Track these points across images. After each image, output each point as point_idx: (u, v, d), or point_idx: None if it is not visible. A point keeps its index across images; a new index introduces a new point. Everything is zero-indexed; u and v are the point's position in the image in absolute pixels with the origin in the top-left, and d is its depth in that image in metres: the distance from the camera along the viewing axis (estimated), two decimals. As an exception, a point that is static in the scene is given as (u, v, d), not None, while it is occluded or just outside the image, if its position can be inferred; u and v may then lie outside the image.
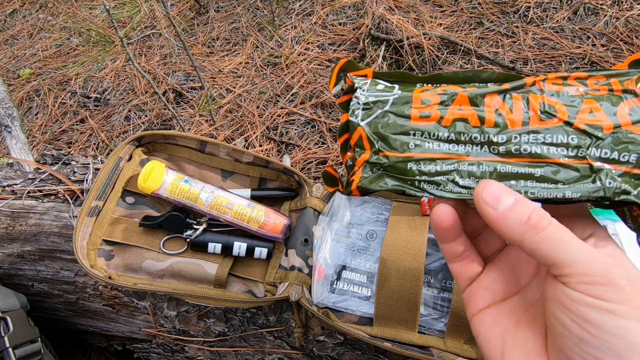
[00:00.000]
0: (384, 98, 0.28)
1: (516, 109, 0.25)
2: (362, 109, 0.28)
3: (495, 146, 0.25)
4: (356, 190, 0.28)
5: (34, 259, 0.66)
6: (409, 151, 0.26)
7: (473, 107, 0.26)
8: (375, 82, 0.29)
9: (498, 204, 0.23)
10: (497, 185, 0.24)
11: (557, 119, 0.25)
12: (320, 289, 0.55)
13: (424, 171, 0.26)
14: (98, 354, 0.86)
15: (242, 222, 0.58)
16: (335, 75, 0.31)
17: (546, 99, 0.25)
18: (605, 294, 0.20)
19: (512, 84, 0.26)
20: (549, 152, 0.24)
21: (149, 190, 0.58)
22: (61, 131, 1.45)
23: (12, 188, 0.71)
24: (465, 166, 0.26)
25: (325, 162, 1.16)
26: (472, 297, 0.28)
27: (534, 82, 0.26)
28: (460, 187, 0.26)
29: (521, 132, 0.25)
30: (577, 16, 1.37)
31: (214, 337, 0.61)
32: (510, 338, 0.25)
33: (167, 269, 0.57)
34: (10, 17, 2.03)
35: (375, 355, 0.56)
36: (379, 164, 0.27)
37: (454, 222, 0.26)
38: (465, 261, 0.28)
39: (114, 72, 1.56)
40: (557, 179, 0.24)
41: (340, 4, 1.57)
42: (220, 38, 1.60)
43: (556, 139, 0.24)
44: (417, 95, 0.27)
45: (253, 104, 1.33)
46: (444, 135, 0.26)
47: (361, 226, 0.59)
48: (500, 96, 0.26)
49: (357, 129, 0.28)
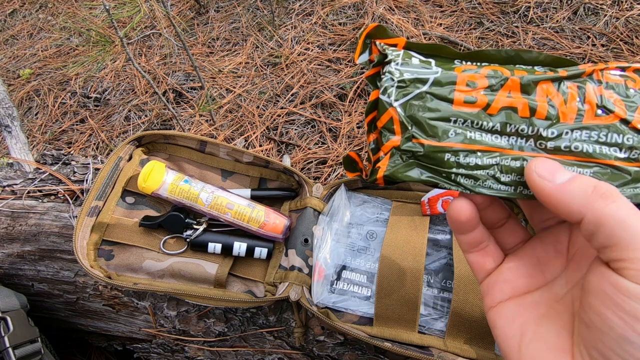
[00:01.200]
0: (423, 76, 0.24)
1: (571, 101, 0.23)
2: (396, 87, 0.24)
3: (543, 141, 0.23)
4: (382, 179, 0.25)
5: (34, 259, 0.66)
6: (448, 140, 0.23)
7: (524, 94, 0.23)
8: (408, 55, 0.25)
9: (555, 176, 0.21)
10: (552, 161, 0.22)
11: (614, 115, 0.22)
12: (320, 289, 0.55)
13: (463, 163, 0.23)
14: (98, 354, 0.86)
15: (242, 222, 0.58)
16: (362, 42, 0.27)
17: (604, 92, 0.23)
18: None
19: (570, 72, 0.23)
20: (600, 152, 0.22)
21: (149, 190, 0.58)
22: (61, 131, 1.45)
23: (12, 188, 0.71)
24: (508, 160, 0.23)
25: (325, 162, 1.16)
26: (490, 289, 0.26)
27: (592, 71, 0.23)
28: (501, 184, 0.23)
29: (574, 127, 0.22)
30: (577, 16, 1.37)
31: (214, 337, 0.61)
32: (529, 332, 0.24)
33: (167, 269, 0.57)
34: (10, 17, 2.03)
35: (375, 355, 0.56)
36: (411, 151, 0.24)
37: (471, 217, 0.25)
38: (482, 252, 0.27)
39: (114, 72, 1.56)
40: (608, 181, 0.22)
41: (340, 4, 1.57)
42: (220, 38, 1.60)
43: (611, 137, 0.22)
44: (461, 75, 0.24)
45: (253, 104, 1.33)
46: (489, 125, 0.23)
47: (361, 226, 0.58)
48: (555, 84, 0.23)
49: (388, 110, 0.24)
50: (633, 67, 0.23)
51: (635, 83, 0.23)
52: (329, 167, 1.14)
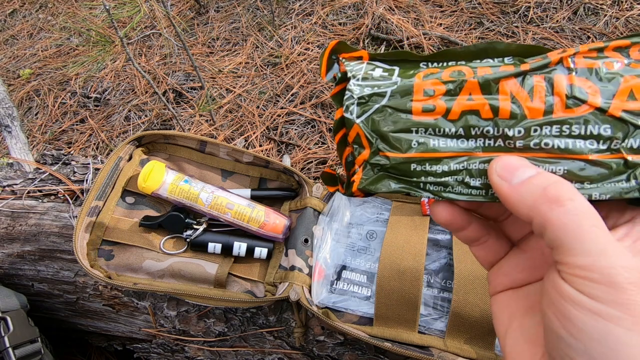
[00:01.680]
0: (381, 90, 0.24)
1: (537, 95, 0.21)
2: (357, 104, 0.24)
3: (511, 140, 0.22)
4: (357, 192, 0.25)
5: (34, 259, 0.66)
6: (412, 150, 0.23)
7: (485, 95, 0.22)
8: (372, 66, 0.25)
9: (512, 176, 0.20)
10: (516, 158, 0.21)
11: (587, 105, 0.20)
12: (320, 289, 0.55)
13: (430, 172, 0.23)
14: (98, 354, 0.86)
15: (242, 222, 0.58)
16: (327, 60, 0.27)
17: (575, 80, 0.21)
18: (600, 294, 0.18)
19: (533, 64, 0.22)
20: (575, 147, 0.21)
21: (149, 190, 0.58)
22: (61, 131, 1.45)
23: (12, 188, 0.71)
24: (476, 164, 0.23)
25: (325, 162, 1.16)
26: (492, 279, 0.27)
27: (560, 59, 0.21)
28: (471, 188, 0.23)
29: (542, 122, 0.21)
30: (577, 16, 1.37)
31: (214, 337, 0.61)
32: (516, 321, 0.24)
33: (167, 269, 0.57)
34: (10, 17, 2.03)
35: (375, 355, 0.56)
36: (379, 164, 0.24)
37: (450, 218, 0.25)
38: (482, 246, 0.26)
39: (114, 72, 1.56)
40: (584, 177, 0.21)
41: (340, 4, 1.57)
42: (220, 38, 1.60)
43: (585, 129, 0.20)
44: (419, 84, 0.23)
45: (253, 104, 1.33)
46: (451, 131, 0.23)
47: (361, 226, 0.58)
48: (518, 79, 0.22)
49: (354, 126, 0.24)
50: (613, 44, 0.21)
51: (613, 64, 0.21)
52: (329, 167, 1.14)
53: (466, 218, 0.25)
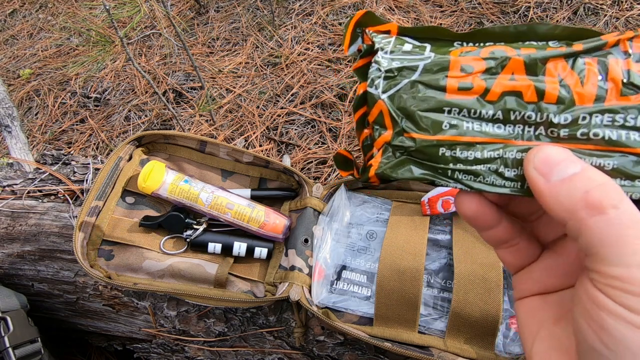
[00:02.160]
0: (412, 63, 0.22)
1: (589, 80, 0.19)
2: (383, 78, 0.22)
3: (555, 128, 0.20)
4: (375, 177, 0.23)
5: (34, 259, 0.66)
6: (442, 133, 0.21)
7: (530, 76, 0.20)
8: (401, 41, 0.23)
9: (552, 172, 0.18)
10: (558, 150, 0.19)
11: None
12: (320, 289, 0.55)
13: (460, 158, 0.21)
14: (98, 354, 0.86)
15: (242, 222, 0.58)
16: (351, 32, 0.24)
17: (632, 65, 0.19)
18: (636, 306, 0.17)
19: (586, 44, 0.20)
20: (628, 139, 0.19)
21: (149, 190, 0.58)
22: (61, 131, 1.45)
23: (12, 188, 0.71)
24: (513, 153, 0.20)
25: (325, 162, 1.16)
26: (518, 284, 0.25)
27: (617, 41, 0.19)
28: (505, 179, 0.21)
29: (593, 110, 0.19)
30: (577, 16, 1.37)
31: (214, 337, 0.61)
32: (546, 329, 0.22)
33: (167, 269, 0.57)
34: (10, 17, 2.03)
35: (375, 355, 0.56)
36: (403, 147, 0.22)
37: (478, 212, 0.22)
38: (511, 250, 0.24)
39: (114, 72, 1.56)
40: (634, 174, 0.19)
41: (340, 4, 1.57)
42: (220, 38, 1.60)
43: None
44: (455, 59, 0.21)
45: (253, 104, 1.33)
46: (489, 114, 0.21)
47: (361, 226, 0.58)
48: (568, 61, 0.20)
49: (377, 102, 0.22)
50: None
51: None
52: (329, 167, 1.14)
53: (496, 214, 0.23)
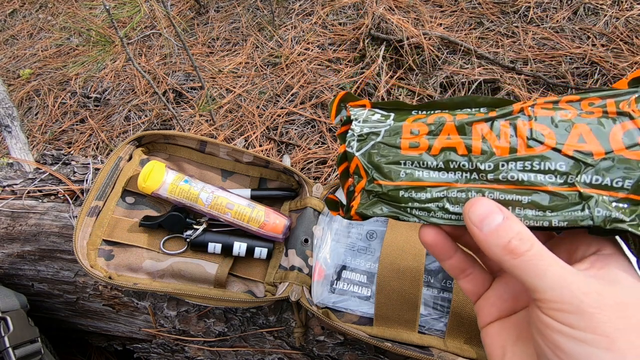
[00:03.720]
0: (377, 129, 0.29)
1: (503, 137, 0.25)
2: (357, 140, 0.29)
3: (483, 174, 0.25)
4: (356, 215, 0.29)
5: (34, 259, 0.66)
6: (400, 179, 0.28)
7: (461, 135, 0.26)
8: (372, 112, 0.31)
9: (483, 224, 0.23)
10: (486, 203, 0.24)
11: (544, 145, 0.24)
12: (320, 289, 0.55)
13: (415, 198, 0.27)
14: (98, 354, 0.86)
15: (242, 222, 0.58)
16: (336, 107, 0.32)
17: (534, 125, 0.25)
18: (574, 322, 0.20)
19: (499, 111, 0.26)
20: (536, 180, 0.24)
21: (149, 190, 0.58)
22: (61, 131, 1.45)
23: (12, 188, 0.71)
24: (454, 193, 0.26)
25: (325, 162, 1.16)
26: (480, 311, 0.29)
27: (521, 108, 0.26)
28: (450, 214, 0.26)
29: (508, 159, 0.25)
30: (577, 16, 1.37)
31: (214, 337, 0.61)
32: (509, 352, 0.26)
33: (167, 269, 0.57)
34: (10, 17, 2.03)
35: (375, 355, 0.56)
36: (374, 191, 0.28)
37: (436, 241, 0.27)
38: (469, 278, 0.29)
39: (114, 72, 1.56)
40: (545, 206, 0.24)
41: (340, 4, 1.57)
42: (220, 38, 1.60)
43: (544, 166, 0.24)
44: (407, 125, 0.28)
45: (253, 104, 1.33)
46: (433, 164, 0.27)
47: (361, 226, 0.59)
48: (487, 124, 0.26)
49: (354, 158, 0.29)
50: (565, 98, 0.26)
51: (567, 114, 0.25)
52: (329, 167, 1.14)
53: (451, 245, 0.28)
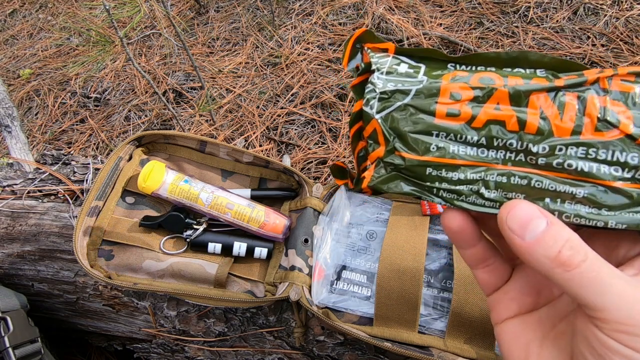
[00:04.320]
0: (405, 87, 0.23)
1: (567, 114, 0.21)
2: (378, 99, 0.23)
3: (533, 157, 0.21)
4: (367, 188, 0.25)
5: (34, 259, 0.66)
6: (430, 154, 0.23)
7: (513, 106, 0.21)
8: (397, 61, 0.24)
9: (525, 232, 0.20)
10: (526, 207, 0.20)
11: (618, 130, 0.20)
12: (320, 289, 0.55)
13: (445, 178, 0.23)
14: (98, 354, 0.86)
15: (242, 222, 0.58)
16: (350, 48, 0.26)
17: (609, 102, 0.20)
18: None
19: (567, 80, 0.21)
20: (599, 171, 0.20)
21: (149, 190, 0.58)
22: (61, 131, 1.45)
23: (12, 188, 0.71)
24: (494, 176, 0.22)
25: (325, 162, 1.16)
26: (496, 305, 0.26)
27: (597, 78, 0.21)
28: (485, 199, 0.22)
29: (569, 142, 0.20)
30: (577, 16, 1.37)
31: (214, 337, 0.61)
32: (534, 354, 0.23)
33: (167, 269, 0.57)
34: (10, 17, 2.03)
35: (375, 355, 0.56)
36: (393, 164, 0.24)
37: (462, 227, 0.24)
38: (488, 268, 0.26)
39: (114, 72, 1.56)
40: (603, 203, 0.20)
41: (340, 4, 1.57)
42: (220, 38, 1.60)
43: (611, 155, 0.20)
44: (445, 86, 0.23)
45: (253, 104, 1.33)
46: (473, 139, 0.22)
47: (361, 226, 0.58)
48: (550, 94, 0.21)
49: (372, 121, 0.24)
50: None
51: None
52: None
53: (477, 233, 0.24)
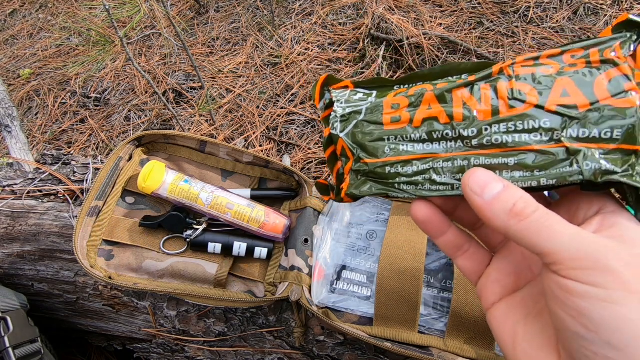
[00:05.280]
0: (358, 108, 0.29)
1: (484, 100, 0.25)
2: (340, 121, 0.29)
3: (467, 140, 0.25)
4: (346, 197, 0.29)
5: (34, 259, 0.66)
6: (385, 156, 0.27)
7: (441, 104, 0.26)
8: (354, 92, 0.30)
9: (484, 192, 0.22)
10: (484, 172, 0.23)
11: (527, 104, 0.23)
12: (320, 289, 0.55)
13: (402, 173, 0.27)
14: (98, 354, 0.86)
15: (242, 222, 0.58)
16: (319, 92, 0.32)
17: (515, 84, 0.24)
18: (598, 280, 0.19)
19: (478, 75, 0.26)
20: (521, 140, 0.23)
21: (149, 190, 0.58)
22: (61, 131, 1.45)
23: (12, 188, 0.71)
24: (440, 163, 0.26)
25: (325, 162, 1.16)
26: (482, 291, 0.27)
27: (500, 69, 0.25)
28: (438, 184, 0.26)
29: (491, 122, 0.24)
30: (577, 16, 1.37)
31: (214, 337, 0.61)
32: (520, 332, 0.24)
33: (167, 269, 0.57)
34: (10, 17, 2.03)
35: (375, 355, 0.56)
36: (361, 170, 0.28)
37: (429, 215, 0.26)
38: (466, 255, 0.27)
39: (114, 72, 1.56)
40: (532, 166, 0.23)
41: (340, 4, 1.57)
42: (220, 38, 1.60)
43: (528, 124, 0.23)
44: (388, 100, 0.28)
45: (253, 104, 1.33)
46: (416, 136, 0.26)
47: (361, 226, 0.58)
48: (467, 89, 0.25)
49: (339, 140, 0.29)
50: (546, 53, 0.24)
51: (548, 69, 0.24)
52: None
53: (444, 220, 0.27)
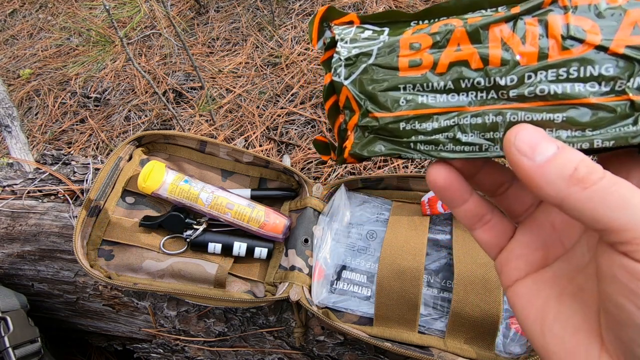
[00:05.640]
0: (367, 49, 0.23)
1: (530, 39, 0.20)
2: (344, 66, 0.24)
3: (503, 90, 0.20)
4: (349, 157, 0.25)
5: (34, 259, 0.66)
6: (400, 109, 0.22)
7: (474, 44, 0.21)
8: (361, 29, 0.24)
9: (535, 153, 0.18)
10: (535, 130, 0.19)
11: (586, 44, 0.18)
12: (320, 289, 0.55)
13: (420, 130, 0.22)
14: (98, 354, 0.86)
15: (242, 222, 0.58)
16: (317, 28, 0.26)
17: (572, 18, 0.19)
18: None
19: (524, 6, 0.20)
20: (573, 91, 0.19)
21: (149, 190, 0.58)
22: (61, 131, 1.45)
23: (12, 188, 0.71)
24: (467, 119, 0.21)
25: (325, 162, 1.16)
26: (503, 267, 0.23)
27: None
28: (463, 144, 0.21)
29: (537, 68, 0.19)
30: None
31: (214, 337, 0.61)
32: (551, 312, 0.21)
33: (167, 269, 0.57)
34: (10, 17, 2.03)
35: (375, 355, 0.56)
36: (369, 126, 0.23)
37: (448, 182, 0.22)
38: (486, 227, 0.23)
39: (114, 72, 1.56)
40: (585, 123, 0.19)
41: (341, 4, 1.57)
42: (220, 38, 1.60)
43: (584, 71, 0.19)
44: (405, 39, 0.22)
45: (253, 104, 1.33)
46: (440, 85, 0.22)
47: (361, 226, 0.58)
48: (508, 24, 0.20)
49: (342, 89, 0.24)
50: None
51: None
52: (329, 167, 1.14)
53: (466, 186, 0.22)
